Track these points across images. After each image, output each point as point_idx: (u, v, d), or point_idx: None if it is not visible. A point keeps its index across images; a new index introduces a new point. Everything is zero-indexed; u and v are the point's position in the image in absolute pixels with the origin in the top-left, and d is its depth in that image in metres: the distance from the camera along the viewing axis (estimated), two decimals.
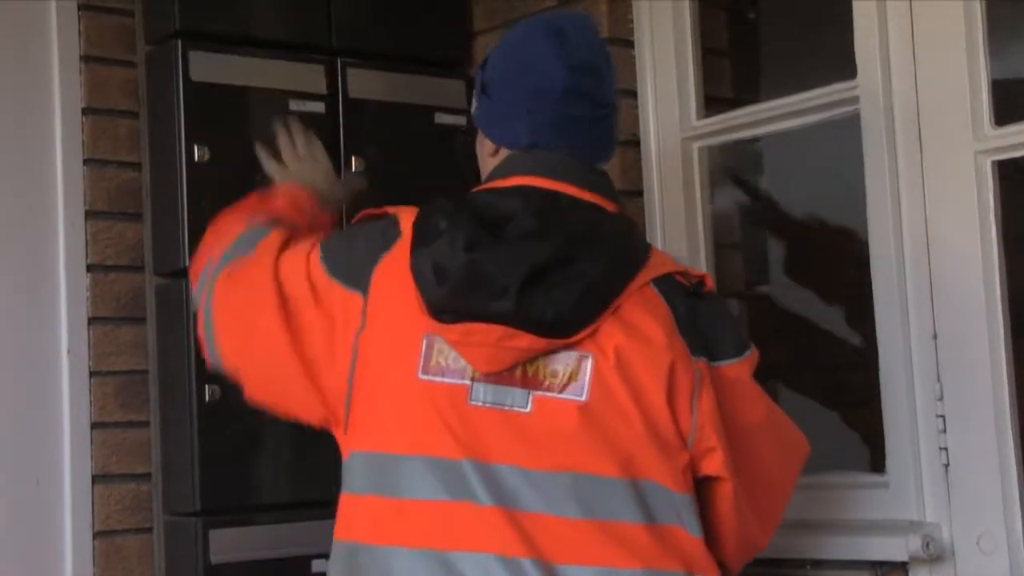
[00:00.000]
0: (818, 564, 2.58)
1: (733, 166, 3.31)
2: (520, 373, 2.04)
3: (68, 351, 2.88)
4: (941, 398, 2.49)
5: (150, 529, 2.87)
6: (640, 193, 3.04)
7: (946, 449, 2.48)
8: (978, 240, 2.52)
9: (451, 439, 2.02)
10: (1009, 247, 2.53)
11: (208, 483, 2.75)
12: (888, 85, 2.67)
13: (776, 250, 3.49)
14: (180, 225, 2.83)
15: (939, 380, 2.50)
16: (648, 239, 2.92)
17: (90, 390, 2.86)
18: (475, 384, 2.03)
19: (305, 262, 2.19)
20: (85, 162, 2.92)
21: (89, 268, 2.92)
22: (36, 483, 2.85)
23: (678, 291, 2.13)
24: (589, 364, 2.04)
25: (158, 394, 2.92)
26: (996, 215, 2.50)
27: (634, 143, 3.03)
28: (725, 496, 2.14)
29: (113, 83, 2.96)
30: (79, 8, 2.93)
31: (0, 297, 2.88)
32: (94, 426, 2.84)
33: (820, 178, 3.24)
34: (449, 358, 2.05)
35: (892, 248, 2.63)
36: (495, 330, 1.99)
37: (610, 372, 2.05)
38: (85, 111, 2.91)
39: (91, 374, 2.89)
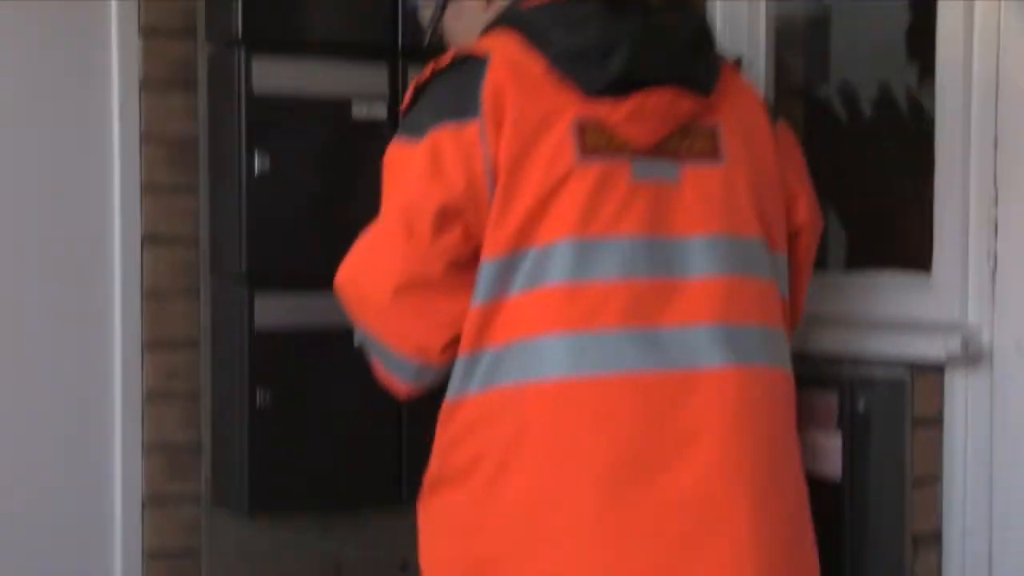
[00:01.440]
0: (855, 361, 2.61)
1: None
2: (671, 146, 2.13)
3: (119, 115, 2.91)
4: (996, 204, 2.50)
5: (196, 291, 2.95)
6: None
7: (995, 252, 2.50)
8: None
9: (617, 218, 2.09)
10: None
11: (255, 247, 2.81)
12: None
13: (837, 51, 3.49)
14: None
15: (995, 185, 2.50)
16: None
17: (140, 152, 2.89)
18: (634, 161, 2.10)
19: (394, 160, 2.21)
20: None
21: (142, 31, 2.91)
22: (89, 246, 2.91)
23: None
24: (720, 133, 2.19)
25: (207, 160, 2.97)
26: None
27: None
28: (802, 247, 2.36)
29: None
30: None
31: (54, 55, 2.89)
32: (144, 189, 2.89)
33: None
34: (603, 140, 2.11)
35: (960, 49, 2.59)
36: (667, 93, 2.08)
37: (735, 139, 2.20)
38: None
39: (142, 137, 2.92)
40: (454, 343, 2.13)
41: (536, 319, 2.09)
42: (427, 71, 2.20)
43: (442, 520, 2.23)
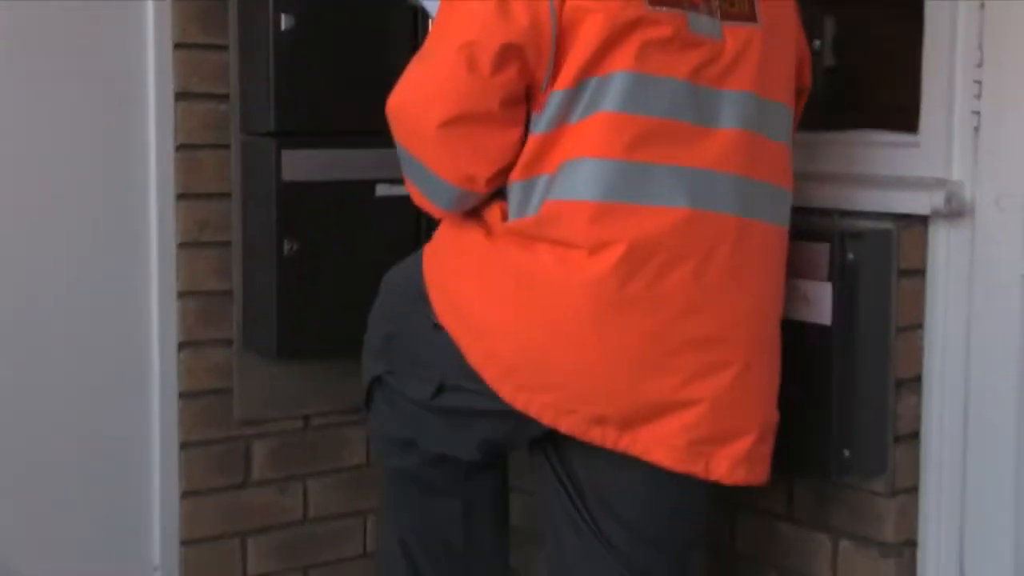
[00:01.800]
0: (846, 214, 2.69)
1: None
2: (717, 6, 2.25)
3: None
4: (980, 64, 2.55)
5: (228, 146, 2.99)
6: None
7: (979, 113, 2.57)
8: None
9: (668, 62, 2.19)
10: None
11: (284, 105, 2.87)
12: None
13: None
14: None
15: (980, 48, 2.55)
16: None
17: (171, 10, 2.93)
18: (690, 14, 2.22)
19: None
20: None
21: None
22: (124, 100, 2.91)
23: None
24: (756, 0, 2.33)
25: (237, 19, 2.98)
26: None
27: None
28: (800, 105, 2.52)
29: None
30: None
31: None
32: (176, 46, 2.91)
33: None
34: None
35: None
36: None
37: (769, 8, 2.32)
38: None
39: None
40: (500, 174, 2.26)
41: (586, 144, 2.20)
42: None
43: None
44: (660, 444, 2.22)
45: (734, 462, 2.26)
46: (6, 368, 2.89)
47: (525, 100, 2.26)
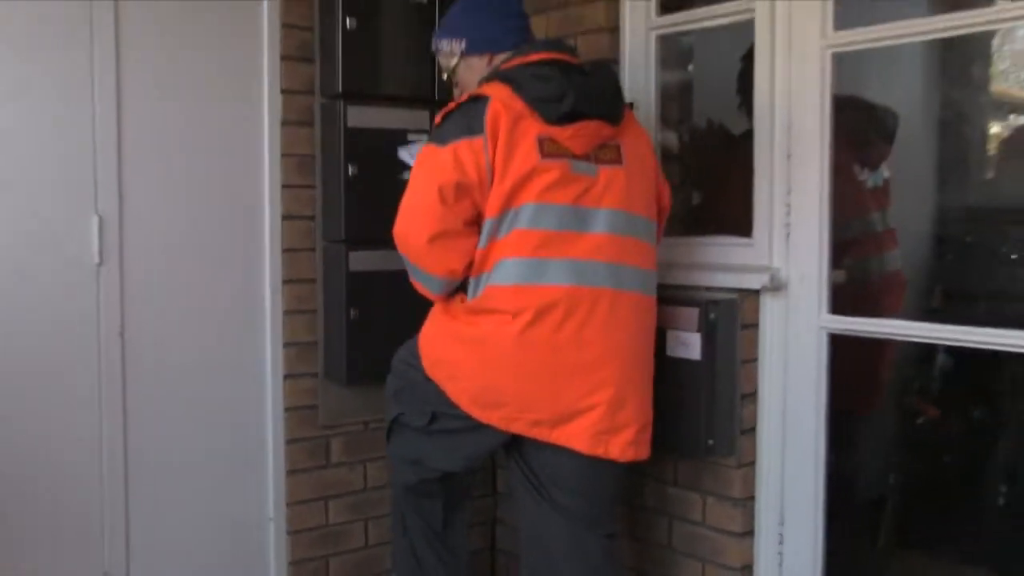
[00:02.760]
0: (709, 289, 3.00)
1: (675, 49, 3.44)
2: (593, 155, 2.56)
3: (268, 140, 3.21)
4: (789, 193, 2.93)
5: (313, 249, 3.30)
6: (616, 61, 3.34)
7: (788, 224, 2.94)
8: (818, 96, 2.87)
9: (557, 192, 2.50)
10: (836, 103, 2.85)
11: (351, 223, 3.18)
12: (771, 3, 2.94)
13: (699, 97, 3.61)
14: None
15: (788, 184, 2.93)
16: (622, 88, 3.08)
17: (280, 164, 3.20)
18: (572, 162, 2.52)
19: (425, 158, 2.55)
20: None
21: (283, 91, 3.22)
22: (250, 221, 3.21)
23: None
24: (622, 147, 2.60)
25: (321, 168, 3.27)
26: (830, 86, 2.86)
27: (616, 29, 3.34)
28: (664, 213, 2.81)
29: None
30: None
31: (233, 108, 3.17)
32: (283, 186, 3.24)
33: (728, 58, 3.29)
34: (556, 148, 2.51)
35: (767, 101, 2.96)
36: (594, 124, 2.52)
37: (633, 154, 2.62)
38: None
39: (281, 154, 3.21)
40: (470, 265, 2.54)
41: (507, 249, 2.49)
42: (451, 104, 2.55)
43: (447, 332, 2.63)
44: (575, 436, 2.52)
45: (624, 446, 2.55)
46: (185, 386, 3.11)
47: (478, 219, 2.51)
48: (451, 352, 2.62)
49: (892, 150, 3.45)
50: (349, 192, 3.15)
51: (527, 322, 2.47)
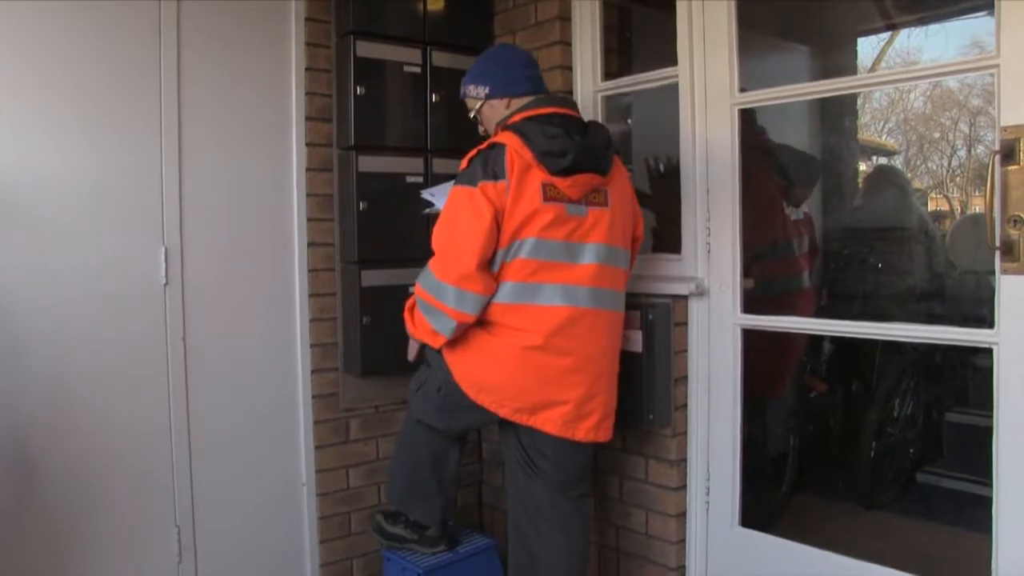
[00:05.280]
0: (649, 295, 2.98)
1: (617, 107, 3.40)
2: (585, 199, 2.53)
3: (296, 184, 3.14)
4: (709, 220, 2.94)
5: (333, 269, 3.26)
6: None
7: (709, 243, 2.95)
8: (729, 142, 2.87)
9: (555, 230, 2.48)
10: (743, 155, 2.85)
11: (363, 248, 3.14)
12: (690, 68, 2.96)
13: (637, 144, 3.63)
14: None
15: (708, 211, 2.94)
16: None
17: (306, 201, 3.13)
18: (567, 205, 2.50)
19: (461, 196, 2.45)
20: None
21: (307, 144, 3.16)
22: (280, 243, 3.16)
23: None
24: (609, 193, 2.57)
25: (338, 203, 3.20)
26: (738, 135, 2.87)
27: (570, 92, 3.33)
28: (637, 243, 2.79)
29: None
30: None
31: (267, 156, 3.12)
32: (309, 219, 3.18)
33: (658, 115, 3.24)
34: (556, 194, 2.48)
35: (691, 147, 2.96)
36: (588, 176, 2.49)
37: (617, 196, 2.60)
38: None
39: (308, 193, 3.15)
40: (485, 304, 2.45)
41: (509, 274, 2.47)
42: (476, 149, 2.50)
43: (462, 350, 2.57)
44: (549, 422, 2.53)
45: (588, 430, 2.56)
46: (234, 380, 3.08)
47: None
48: (461, 352, 2.61)
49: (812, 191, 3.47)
50: (361, 223, 3.12)
51: (535, 345, 2.46)
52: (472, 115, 2.71)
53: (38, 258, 2.68)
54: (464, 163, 2.51)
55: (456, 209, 2.43)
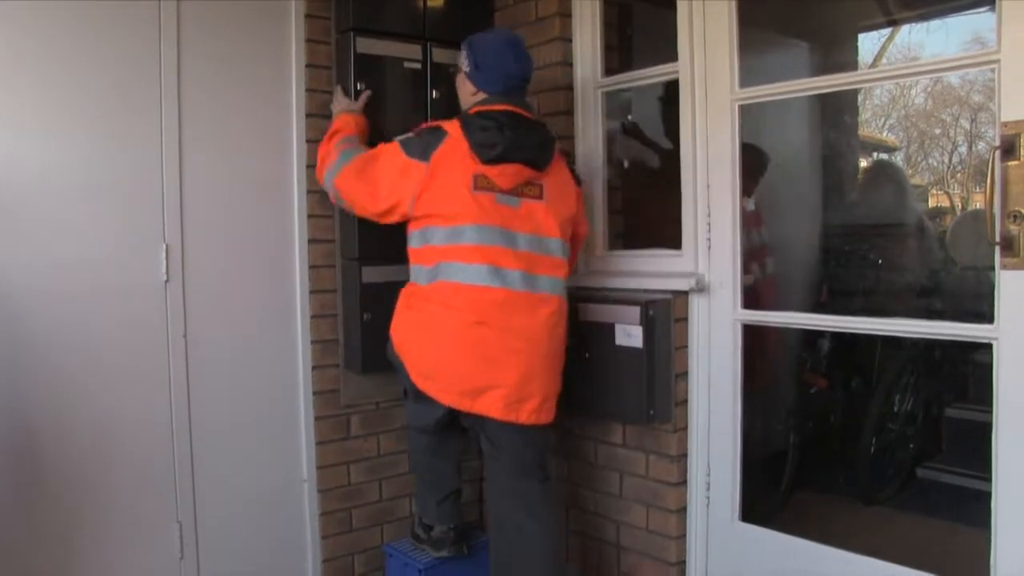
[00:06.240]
0: (648, 291, 3.00)
1: (617, 102, 3.42)
2: (517, 191, 2.64)
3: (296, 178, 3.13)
4: (709, 215, 2.90)
5: (334, 265, 3.25)
6: (571, 112, 3.34)
7: (709, 239, 2.96)
8: (729, 138, 2.89)
9: (488, 217, 2.60)
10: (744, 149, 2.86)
11: (363, 244, 3.15)
12: (691, 64, 2.97)
13: (633, 146, 3.62)
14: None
15: (708, 208, 2.89)
16: (575, 135, 3.30)
17: (307, 197, 3.11)
18: (497, 195, 2.62)
19: (392, 151, 2.66)
20: None
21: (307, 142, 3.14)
22: (281, 240, 3.14)
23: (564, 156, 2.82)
24: (544, 186, 2.69)
25: (339, 216, 3.18)
26: (738, 130, 2.87)
27: (571, 88, 3.34)
28: (579, 239, 2.91)
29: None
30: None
31: (269, 155, 3.13)
32: (309, 216, 3.16)
33: (658, 111, 3.38)
34: (486, 183, 2.60)
35: (691, 142, 2.96)
36: (517, 167, 2.60)
37: (555, 192, 2.71)
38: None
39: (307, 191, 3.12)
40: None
41: (449, 255, 2.60)
42: (427, 123, 2.66)
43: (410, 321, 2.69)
44: (491, 407, 2.62)
45: (529, 413, 2.65)
46: (236, 376, 3.09)
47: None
48: (408, 336, 2.70)
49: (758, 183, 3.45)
50: (361, 220, 3.06)
51: (472, 322, 2.56)
52: (451, 70, 2.86)
53: (40, 255, 2.69)
54: (417, 129, 2.65)
55: (383, 156, 2.64)
